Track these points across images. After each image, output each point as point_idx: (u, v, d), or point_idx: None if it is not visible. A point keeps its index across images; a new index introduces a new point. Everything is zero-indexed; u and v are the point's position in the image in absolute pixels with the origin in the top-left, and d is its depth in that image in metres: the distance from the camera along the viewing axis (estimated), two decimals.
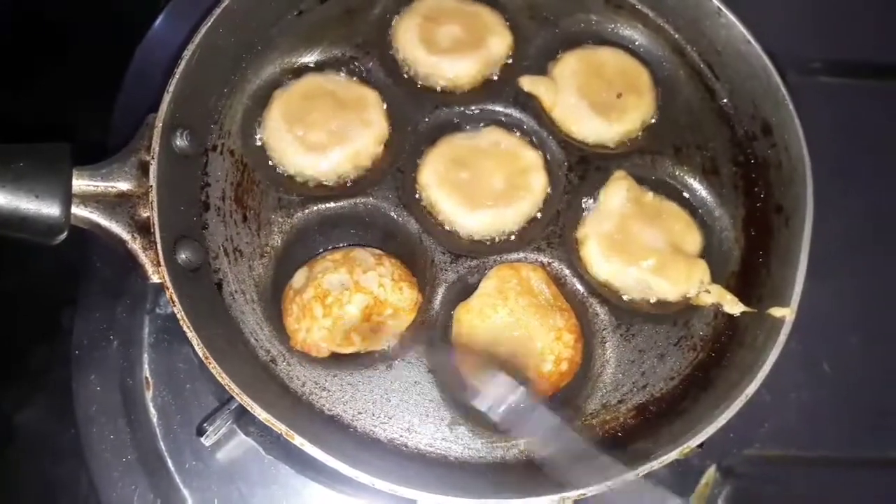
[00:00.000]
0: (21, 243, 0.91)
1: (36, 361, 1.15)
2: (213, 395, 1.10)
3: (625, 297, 1.01)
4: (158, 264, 0.90)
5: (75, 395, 1.11)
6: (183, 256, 0.94)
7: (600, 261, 1.01)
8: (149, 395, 1.11)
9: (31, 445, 1.11)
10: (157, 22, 1.32)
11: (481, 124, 1.08)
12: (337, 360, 0.97)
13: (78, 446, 1.09)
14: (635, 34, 1.16)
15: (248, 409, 0.86)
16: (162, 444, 1.09)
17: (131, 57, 1.28)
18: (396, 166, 1.04)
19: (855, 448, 1.17)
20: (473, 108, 1.09)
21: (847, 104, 1.35)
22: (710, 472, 1.11)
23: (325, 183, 1.04)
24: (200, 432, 1.04)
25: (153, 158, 0.92)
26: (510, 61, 1.12)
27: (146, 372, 1.12)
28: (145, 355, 1.12)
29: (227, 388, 0.87)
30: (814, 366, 1.18)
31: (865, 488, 1.16)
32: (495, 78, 1.11)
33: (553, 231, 1.02)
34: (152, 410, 1.10)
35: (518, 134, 1.08)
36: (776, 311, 0.95)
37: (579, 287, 1.00)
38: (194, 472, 1.08)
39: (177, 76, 0.96)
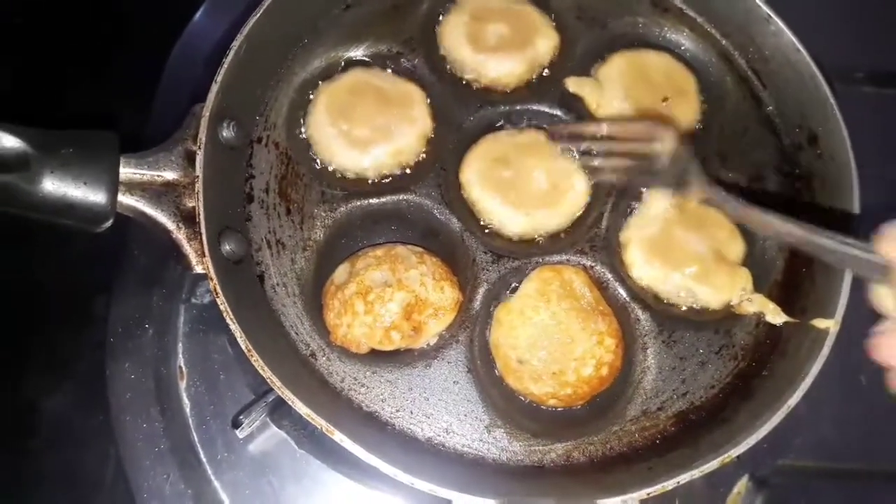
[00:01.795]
0: (56, 228, 0.91)
1: (66, 348, 1.15)
2: (248, 386, 1.10)
3: (667, 303, 1.01)
4: (203, 255, 0.90)
5: (109, 382, 1.11)
6: (227, 248, 0.94)
7: (643, 265, 1.00)
8: (182, 384, 1.11)
9: (58, 432, 1.12)
10: (198, 14, 1.32)
11: (525, 124, 1.08)
12: (376, 357, 0.97)
13: (105, 433, 1.09)
14: (682, 39, 1.15)
15: (290, 403, 0.86)
16: (195, 434, 1.09)
17: (172, 48, 1.28)
18: (440, 164, 1.04)
19: (889, 462, 1.16)
20: (518, 107, 1.08)
21: (891, 114, 1.34)
22: (743, 482, 1.10)
23: (368, 178, 1.04)
24: (236, 424, 1.05)
25: (200, 148, 0.92)
26: (556, 62, 1.11)
27: (180, 361, 1.12)
28: (180, 345, 1.13)
29: (268, 381, 0.87)
30: (851, 378, 1.17)
31: None
32: (540, 78, 1.11)
33: (596, 234, 1.02)
34: (186, 400, 1.10)
35: None
36: (820, 323, 0.94)
37: (621, 291, 1.00)
38: (226, 463, 1.08)
39: (225, 66, 0.96)
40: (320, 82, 1.06)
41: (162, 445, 1.09)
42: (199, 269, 0.91)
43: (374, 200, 1.02)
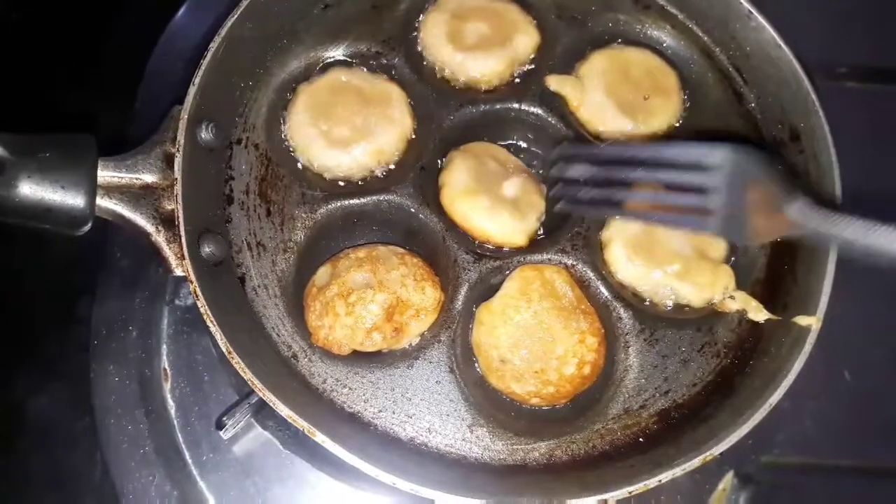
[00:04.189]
0: (39, 231, 0.91)
1: (50, 349, 1.15)
2: (232, 387, 1.10)
3: (649, 302, 1.01)
4: (182, 258, 0.90)
5: (93, 385, 1.11)
6: (207, 250, 0.94)
7: (625, 264, 1.00)
8: (167, 386, 1.11)
9: (44, 433, 1.12)
10: (179, 14, 1.32)
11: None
12: (358, 358, 0.96)
13: (91, 435, 1.09)
14: (663, 35, 1.14)
15: (272, 405, 0.86)
16: (179, 435, 1.09)
17: (153, 48, 1.28)
18: (420, 164, 1.04)
19: (873, 457, 1.16)
20: (498, 106, 1.08)
21: (873, 109, 1.34)
22: (728, 478, 1.11)
23: (348, 179, 1.04)
24: (220, 426, 1.04)
25: (178, 151, 0.92)
26: (537, 60, 1.11)
27: (164, 363, 1.12)
28: (164, 346, 1.13)
29: (249, 383, 0.87)
30: (834, 373, 1.17)
31: (883, 498, 1.16)
32: (521, 77, 1.10)
33: (577, 233, 1.02)
34: (170, 402, 1.10)
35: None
36: (802, 320, 0.94)
37: (603, 290, 1.00)
38: (211, 464, 1.08)
39: (203, 68, 0.96)
40: (299, 83, 1.06)
41: (147, 447, 1.09)
42: (178, 272, 0.91)
43: (354, 201, 1.02)
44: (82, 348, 1.13)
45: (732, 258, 1.03)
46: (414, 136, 1.06)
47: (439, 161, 1.04)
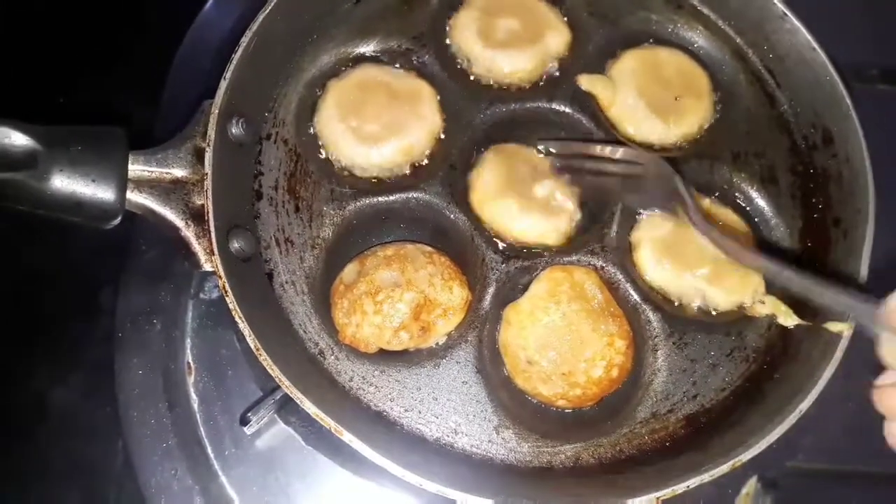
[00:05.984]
0: (64, 221, 0.91)
1: (72, 340, 1.15)
2: (256, 382, 1.10)
3: (678, 305, 1.00)
4: (212, 253, 0.90)
5: (116, 377, 1.11)
6: (236, 245, 0.94)
7: (654, 266, 1.00)
8: (190, 380, 1.11)
9: (65, 424, 1.12)
10: (206, 7, 1.31)
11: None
12: (385, 356, 0.96)
13: (114, 427, 1.09)
14: (696, 36, 1.13)
15: (298, 402, 0.86)
16: (202, 429, 1.09)
17: (181, 40, 1.27)
18: (449, 162, 1.03)
19: None
20: (528, 105, 1.07)
21: None
22: (752, 483, 1.10)
23: (377, 176, 1.03)
24: (244, 421, 1.04)
25: (209, 145, 0.92)
26: (568, 58, 1.10)
27: (188, 357, 1.12)
28: (188, 340, 1.12)
29: (277, 380, 0.86)
30: (861, 378, 1.15)
31: None
32: (552, 75, 1.09)
33: (607, 234, 1.01)
34: (193, 396, 1.10)
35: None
36: (833, 326, 0.93)
37: (632, 293, 0.99)
38: (234, 459, 1.08)
39: (234, 63, 0.95)
40: (329, 79, 1.05)
41: (170, 441, 1.09)
42: (207, 268, 0.91)
43: (382, 198, 1.01)
44: (105, 340, 1.12)
45: None
46: (443, 134, 1.05)
47: (470, 159, 1.04)
